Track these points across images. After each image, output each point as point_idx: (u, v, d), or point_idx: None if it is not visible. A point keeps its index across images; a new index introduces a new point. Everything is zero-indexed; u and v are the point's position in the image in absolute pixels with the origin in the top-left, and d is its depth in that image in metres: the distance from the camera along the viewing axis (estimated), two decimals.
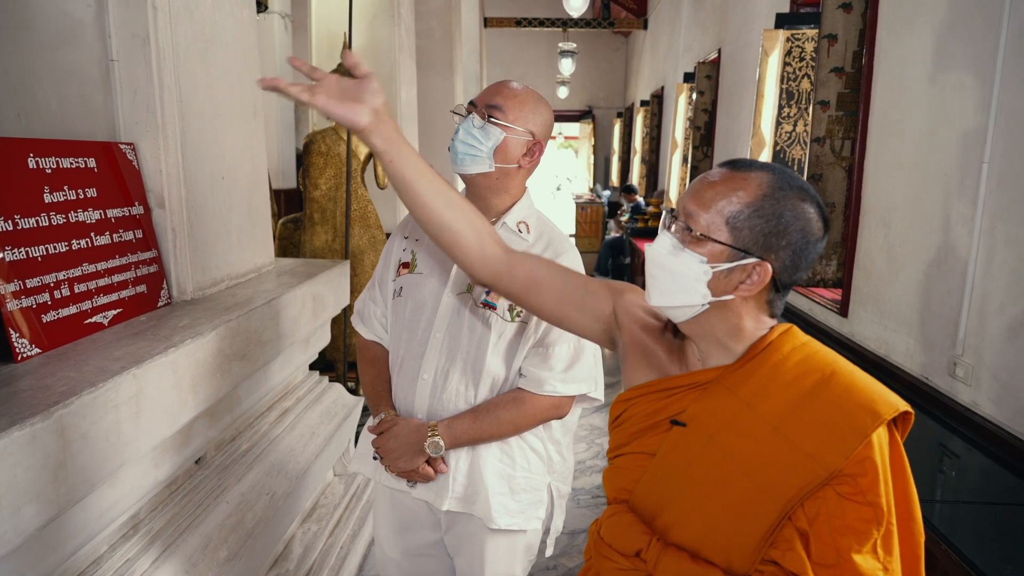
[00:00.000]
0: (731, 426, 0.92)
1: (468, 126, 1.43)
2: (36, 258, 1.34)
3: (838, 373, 0.89)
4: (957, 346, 2.18)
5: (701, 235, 0.92)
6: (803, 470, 0.85)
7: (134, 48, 1.67)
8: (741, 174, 0.92)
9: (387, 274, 1.59)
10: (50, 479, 1.06)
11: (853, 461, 0.83)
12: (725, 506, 0.91)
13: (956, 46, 2.27)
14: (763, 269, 0.90)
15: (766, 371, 0.92)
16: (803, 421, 0.87)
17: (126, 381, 1.24)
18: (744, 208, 0.90)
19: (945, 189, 2.28)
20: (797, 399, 0.88)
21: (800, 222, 0.89)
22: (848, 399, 0.86)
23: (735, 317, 0.95)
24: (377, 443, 1.46)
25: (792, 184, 0.91)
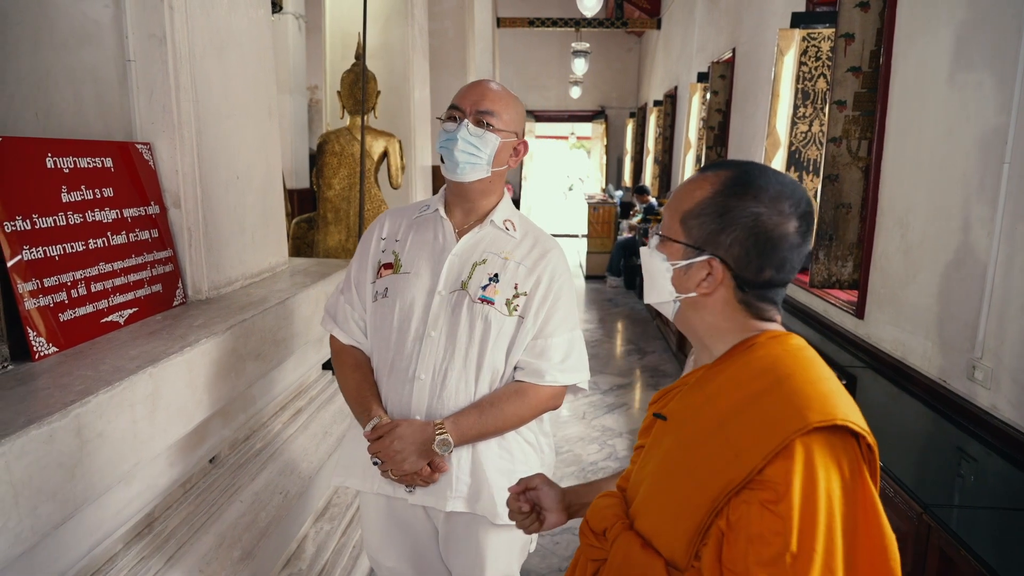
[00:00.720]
0: (693, 421, 0.93)
1: (465, 135, 1.43)
2: (54, 257, 1.35)
3: (793, 378, 0.86)
4: (976, 349, 2.15)
5: (662, 235, 0.97)
6: (728, 468, 0.84)
7: (151, 48, 1.68)
8: (704, 175, 0.94)
9: (365, 276, 1.55)
10: (67, 478, 1.06)
11: (775, 467, 0.80)
12: (670, 498, 0.92)
13: (976, 45, 2.24)
14: (714, 266, 0.91)
15: (734, 370, 0.92)
16: (743, 420, 0.85)
17: (142, 380, 1.25)
18: (695, 207, 0.92)
19: (964, 190, 2.25)
20: (747, 398, 0.87)
21: (747, 218, 0.88)
22: (786, 402, 0.83)
23: (710, 316, 0.95)
24: (376, 448, 1.40)
25: (750, 180, 0.90)
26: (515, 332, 1.46)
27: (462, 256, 1.47)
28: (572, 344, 1.50)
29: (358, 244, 1.61)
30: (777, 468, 0.80)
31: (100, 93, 1.70)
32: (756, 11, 5.03)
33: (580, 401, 4.53)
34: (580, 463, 3.63)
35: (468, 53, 6.57)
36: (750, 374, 0.89)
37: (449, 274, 1.46)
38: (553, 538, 2.88)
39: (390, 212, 1.61)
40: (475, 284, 1.45)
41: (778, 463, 0.80)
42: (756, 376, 0.88)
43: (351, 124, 3.22)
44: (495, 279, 1.45)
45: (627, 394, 4.75)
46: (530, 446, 1.54)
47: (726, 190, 0.90)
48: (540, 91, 13.15)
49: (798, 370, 0.87)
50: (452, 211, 1.53)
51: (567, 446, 3.84)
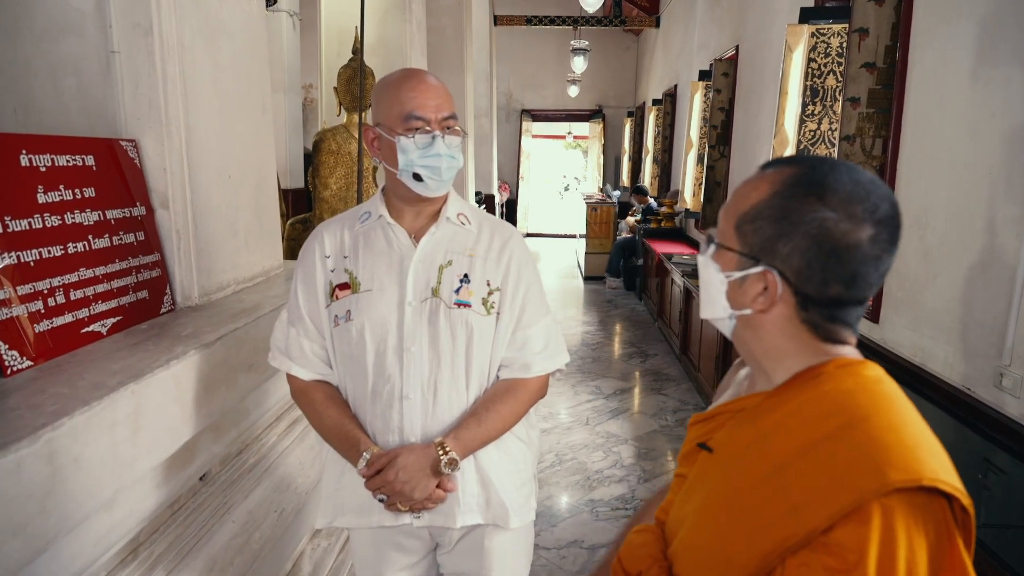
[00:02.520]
0: (743, 458, 0.81)
1: (443, 148, 1.33)
2: (28, 263, 1.25)
3: (869, 421, 0.73)
4: (1004, 356, 2.06)
5: (716, 243, 0.86)
6: (782, 523, 0.72)
7: (136, 39, 1.57)
8: (763, 173, 0.83)
9: (316, 302, 1.40)
10: (37, 510, 0.96)
11: (844, 530, 0.68)
12: (714, 546, 0.80)
13: (1001, 39, 2.15)
14: (770, 279, 0.79)
15: (796, 404, 0.79)
16: (805, 467, 0.73)
17: (123, 398, 1.14)
18: (751, 210, 0.81)
19: (990, 189, 2.16)
20: (811, 441, 0.74)
21: (811, 224, 0.76)
22: (860, 453, 0.71)
23: (768, 336, 0.83)
24: (379, 483, 1.29)
25: (815, 178, 0.78)
26: (495, 330, 1.39)
27: (425, 261, 1.37)
28: (549, 329, 1.46)
29: (296, 268, 1.46)
30: (848, 532, 0.68)
31: (82, 86, 1.59)
32: (760, 8, 4.94)
33: (583, 406, 4.43)
34: (585, 471, 3.53)
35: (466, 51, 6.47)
36: (816, 412, 0.77)
37: (416, 283, 1.36)
38: (559, 552, 2.78)
39: (325, 226, 1.46)
40: (447, 289, 1.36)
41: (849, 526, 0.68)
42: (824, 415, 0.76)
43: (348, 121, 3.12)
44: (466, 280, 1.37)
45: (630, 399, 4.65)
46: (523, 443, 1.50)
47: (787, 191, 0.78)
48: (537, 90, 13.05)
49: (875, 411, 0.74)
50: (400, 215, 1.41)
51: (571, 453, 3.74)
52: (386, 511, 1.37)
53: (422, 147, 1.32)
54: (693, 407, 4.46)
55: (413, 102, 1.31)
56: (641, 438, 3.98)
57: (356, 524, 1.44)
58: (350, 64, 3.10)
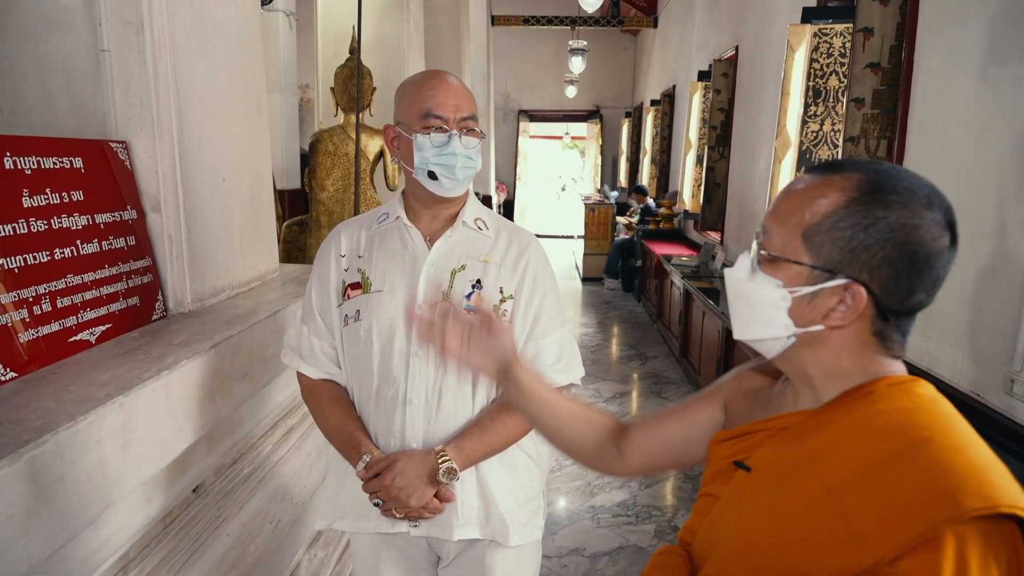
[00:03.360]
0: (789, 479, 0.76)
1: (460, 148, 1.31)
2: (13, 270, 1.20)
3: (934, 443, 0.69)
4: (1015, 361, 2.02)
5: (775, 255, 0.77)
6: (844, 551, 0.68)
7: (127, 37, 1.52)
8: (825, 178, 0.76)
9: (328, 301, 1.40)
10: (19, 532, 0.91)
11: (913, 560, 0.64)
12: (757, 571, 0.75)
13: (1012, 38, 2.11)
14: (855, 292, 0.73)
15: (848, 424, 0.75)
16: (864, 492, 0.69)
17: (111, 411, 1.09)
18: (824, 219, 0.74)
19: (1000, 191, 2.12)
20: (869, 464, 0.70)
21: (900, 231, 0.71)
22: (928, 477, 0.67)
23: (830, 353, 0.78)
24: (376, 486, 1.27)
25: (890, 185, 0.73)
26: None
27: (438, 265, 1.35)
28: (563, 342, 1.42)
29: (313, 266, 1.45)
30: (917, 563, 0.63)
31: (71, 86, 1.54)
32: (760, 8, 4.90)
33: None
34: (586, 477, 3.48)
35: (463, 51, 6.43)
36: (872, 433, 0.72)
37: (427, 286, 1.33)
38: (560, 560, 2.73)
39: (344, 225, 1.46)
40: (458, 294, 1.33)
41: (919, 556, 0.63)
42: (881, 436, 0.71)
43: (345, 122, 3.07)
44: (478, 285, 1.34)
45: (629, 402, 4.61)
46: (531, 459, 1.45)
47: (865, 197, 0.73)
48: (534, 90, 13.01)
49: (938, 432, 0.70)
50: (416, 217, 1.39)
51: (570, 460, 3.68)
52: (384, 517, 1.34)
53: (438, 145, 1.30)
54: None
55: (432, 100, 1.30)
56: None
57: (354, 528, 1.42)
58: (347, 64, 3.05)
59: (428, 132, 1.30)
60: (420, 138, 1.30)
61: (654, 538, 2.90)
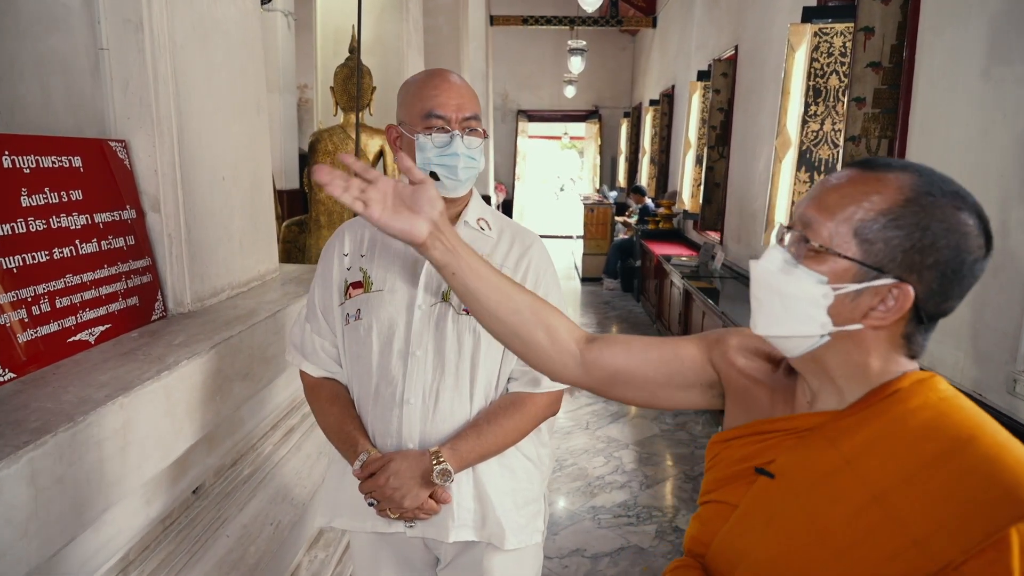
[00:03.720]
0: (824, 486, 0.75)
1: (462, 148, 1.30)
2: (11, 270, 1.19)
3: (978, 441, 0.69)
4: (1018, 361, 2.02)
5: (822, 247, 0.74)
6: (904, 558, 0.67)
7: (126, 35, 1.51)
8: (876, 175, 0.75)
9: (331, 299, 1.40)
10: (18, 535, 0.90)
11: (980, 561, 0.64)
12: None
13: (1014, 37, 2.10)
14: (902, 292, 0.72)
15: (881, 425, 0.74)
16: (914, 496, 0.69)
17: (111, 412, 1.08)
18: (879, 216, 0.72)
19: (1002, 191, 2.12)
20: (914, 467, 0.70)
21: (953, 236, 0.71)
22: (983, 477, 0.67)
23: (860, 353, 0.77)
24: (370, 486, 1.27)
25: (944, 188, 0.73)
26: None
27: None
28: None
29: (318, 264, 1.45)
30: (984, 564, 0.64)
31: (70, 85, 1.53)
32: (760, 7, 4.90)
33: (583, 410, 4.38)
34: (586, 477, 3.47)
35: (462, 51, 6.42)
36: (911, 433, 0.72)
37: (427, 286, 1.33)
38: (562, 561, 2.72)
39: (348, 225, 1.46)
40: None
41: (987, 556, 0.64)
42: (921, 437, 0.71)
43: (345, 121, 3.06)
44: None
45: None
46: (530, 461, 1.44)
47: (923, 199, 0.72)
48: (533, 90, 13.01)
49: (978, 430, 0.70)
50: None
51: (571, 459, 3.69)
52: (380, 517, 1.33)
53: (440, 146, 1.29)
54: (693, 410, 4.41)
55: (434, 100, 1.29)
56: (642, 442, 3.92)
57: (352, 527, 1.41)
58: (347, 63, 3.04)
59: (430, 132, 1.29)
60: (422, 139, 1.29)
61: (655, 539, 2.89)
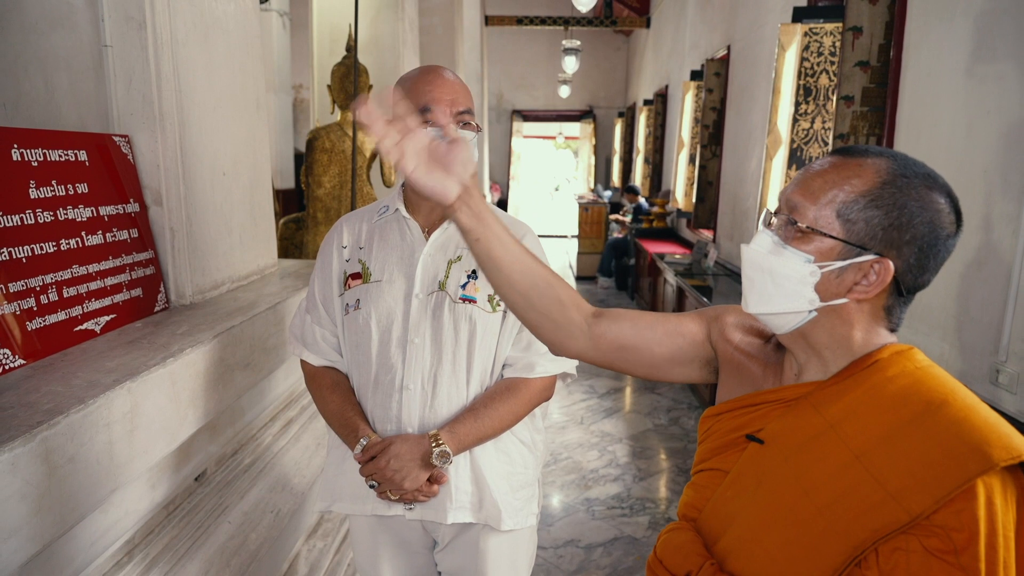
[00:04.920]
0: (809, 448, 0.81)
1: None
2: (21, 259, 1.22)
3: (950, 404, 0.75)
4: (1000, 352, 2.07)
5: (808, 229, 0.81)
6: (881, 510, 0.73)
7: (129, 33, 1.55)
8: (855, 160, 0.81)
9: (330, 291, 1.44)
10: (32, 510, 0.93)
11: (949, 511, 0.70)
12: (787, 538, 0.79)
13: (998, 35, 2.16)
14: (883, 267, 0.78)
15: (863, 392, 0.80)
16: (893, 454, 0.74)
17: (119, 396, 1.12)
18: (859, 198, 0.79)
19: (986, 186, 2.17)
20: (892, 428, 0.76)
21: (928, 213, 0.77)
22: (953, 435, 0.72)
23: (844, 326, 0.83)
24: (371, 469, 1.31)
25: (916, 171, 0.79)
26: (500, 328, 1.39)
27: (435, 255, 1.39)
28: None
29: (317, 257, 1.49)
30: (954, 513, 0.69)
31: (74, 81, 1.56)
32: (752, 7, 4.95)
33: (577, 405, 4.43)
34: (581, 470, 3.52)
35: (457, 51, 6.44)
36: (889, 398, 0.77)
37: (424, 276, 1.37)
38: (556, 551, 2.76)
39: (346, 218, 1.50)
40: (454, 283, 1.37)
41: (955, 506, 0.69)
42: (898, 401, 0.77)
43: (342, 119, 3.09)
44: (474, 275, 1.37)
45: (623, 398, 4.65)
46: (525, 446, 1.48)
47: (899, 180, 0.78)
48: (528, 90, 13.05)
49: (950, 394, 0.76)
50: (415, 209, 1.43)
51: (566, 452, 3.73)
52: (380, 500, 1.38)
53: None
54: (687, 406, 4.46)
55: (428, 95, 1.33)
56: (635, 437, 3.97)
57: (352, 510, 1.45)
58: (344, 62, 3.08)
59: (425, 126, 1.32)
60: None
61: (648, 529, 2.94)
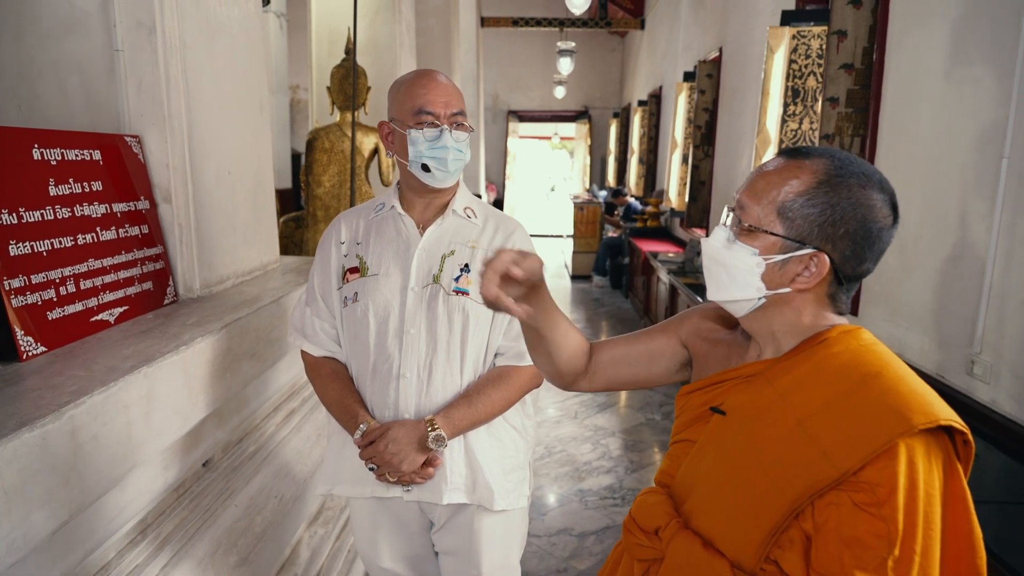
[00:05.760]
0: (762, 417, 0.90)
1: (451, 142, 1.42)
2: (41, 253, 1.29)
3: (883, 375, 0.83)
4: (975, 344, 2.15)
5: (751, 227, 0.89)
6: (814, 468, 0.81)
7: (140, 38, 1.62)
8: (796, 161, 0.89)
9: (329, 284, 1.52)
10: (61, 483, 1.01)
11: (874, 468, 0.78)
12: (739, 497, 0.89)
13: (973, 40, 2.24)
14: (820, 260, 0.86)
15: (810, 366, 0.88)
16: (829, 418, 0.83)
17: (137, 380, 1.19)
18: (797, 197, 0.87)
19: (962, 185, 2.25)
20: (832, 396, 0.84)
21: (860, 210, 0.85)
22: (882, 402, 0.80)
23: (793, 312, 0.91)
24: (370, 453, 1.40)
25: (852, 170, 0.87)
26: (492, 318, 1.47)
27: (429, 250, 1.46)
28: None
29: (316, 252, 1.58)
30: (877, 470, 0.78)
31: (86, 84, 1.64)
32: (743, 10, 5.04)
33: (571, 400, 4.51)
34: (574, 463, 3.60)
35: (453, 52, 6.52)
36: (831, 371, 0.86)
37: (419, 269, 1.45)
38: (550, 539, 2.85)
39: (344, 215, 1.58)
40: (447, 277, 1.44)
41: (879, 464, 0.78)
42: (838, 373, 0.85)
43: (341, 120, 3.17)
44: (466, 269, 1.45)
45: (617, 393, 4.73)
46: (516, 431, 1.56)
47: (833, 180, 0.85)
48: (523, 91, 13.13)
49: (885, 367, 0.84)
50: (410, 206, 1.51)
51: (560, 446, 3.81)
52: (379, 483, 1.46)
53: (430, 139, 1.40)
54: None
55: (423, 98, 1.41)
56: (628, 431, 4.05)
57: (352, 493, 1.53)
58: (343, 64, 3.15)
59: (421, 128, 1.41)
60: (414, 133, 1.41)
61: None
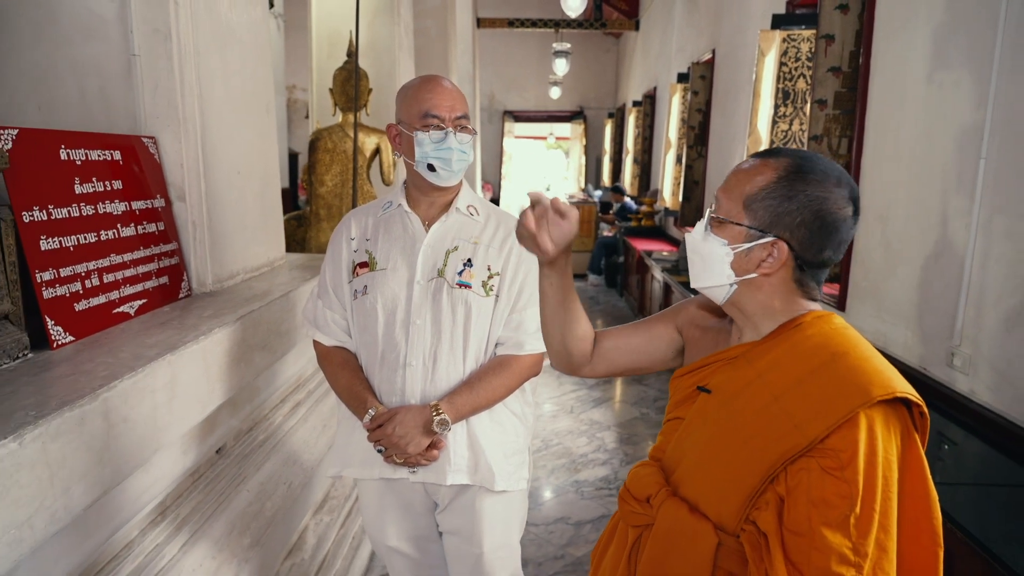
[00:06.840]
0: (743, 394, 0.98)
1: (455, 144, 1.50)
2: (68, 248, 1.37)
3: (850, 354, 0.92)
4: (955, 337, 2.24)
5: (722, 219, 0.99)
6: (787, 438, 0.90)
7: (156, 43, 1.69)
8: (764, 160, 0.98)
9: (340, 278, 1.61)
10: (96, 460, 1.09)
11: (838, 435, 0.87)
12: (721, 466, 0.98)
13: (953, 45, 2.33)
14: (779, 247, 0.95)
15: (786, 347, 0.97)
16: (801, 393, 0.92)
17: (162, 367, 1.27)
18: (760, 190, 0.96)
19: (943, 185, 2.34)
20: (804, 374, 0.93)
21: (815, 202, 0.93)
22: (847, 377, 0.89)
23: (764, 296, 1.00)
24: (379, 435, 1.48)
25: (813, 167, 0.95)
26: (493, 310, 1.55)
27: (434, 246, 1.55)
28: None
29: (327, 248, 1.66)
30: (840, 438, 0.87)
31: (104, 87, 1.71)
32: (735, 13, 5.13)
33: (567, 395, 4.59)
34: (571, 455, 3.69)
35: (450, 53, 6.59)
36: (804, 351, 0.95)
37: (425, 264, 1.53)
38: (548, 527, 2.93)
39: (354, 213, 1.67)
40: (451, 271, 1.53)
41: (841, 432, 0.87)
42: (810, 353, 0.94)
43: (343, 121, 3.24)
44: (469, 264, 1.54)
45: (611, 389, 4.82)
46: (516, 417, 1.64)
47: (790, 176, 0.94)
48: (519, 92, 13.20)
49: (850, 347, 0.93)
50: (416, 204, 1.60)
51: (557, 439, 3.90)
52: (387, 464, 1.54)
53: (436, 141, 1.49)
54: None
55: (429, 102, 1.50)
56: (623, 424, 4.14)
57: (360, 475, 1.61)
58: (345, 66, 3.23)
59: (427, 130, 1.50)
60: (420, 135, 1.50)
61: None
